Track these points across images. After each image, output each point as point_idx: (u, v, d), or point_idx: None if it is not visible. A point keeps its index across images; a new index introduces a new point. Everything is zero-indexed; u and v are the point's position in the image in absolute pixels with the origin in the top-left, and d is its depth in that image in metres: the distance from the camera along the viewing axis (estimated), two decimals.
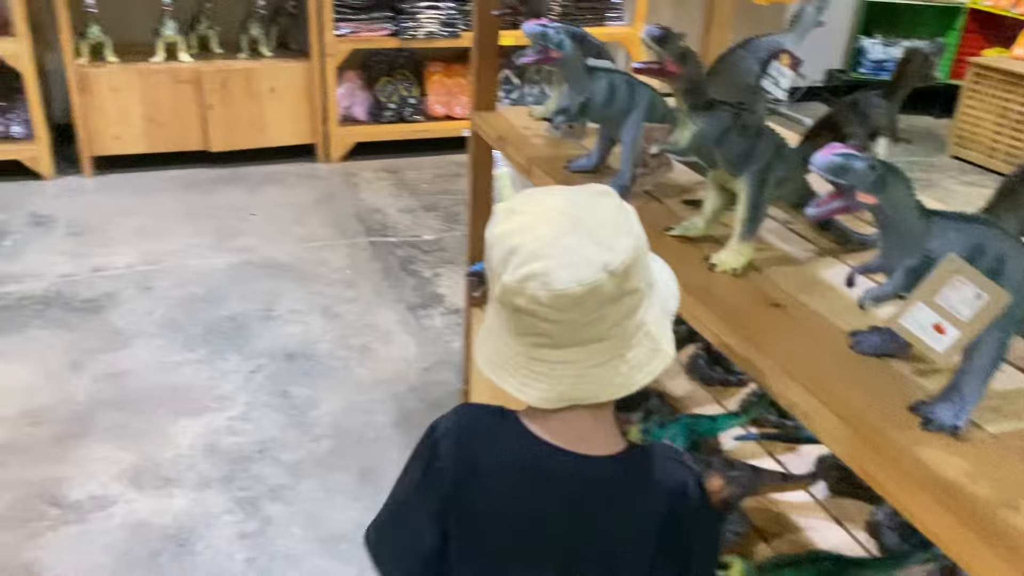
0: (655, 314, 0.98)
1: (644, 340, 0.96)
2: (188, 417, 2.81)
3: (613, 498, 1.00)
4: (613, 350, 0.95)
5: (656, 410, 1.92)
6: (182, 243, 3.98)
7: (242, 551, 2.29)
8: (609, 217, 0.95)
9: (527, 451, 1.00)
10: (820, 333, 1.22)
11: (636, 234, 0.95)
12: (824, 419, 1.06)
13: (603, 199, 0.97)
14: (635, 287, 0.94)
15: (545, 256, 0.91)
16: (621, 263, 0.91)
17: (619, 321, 0.94)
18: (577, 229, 0.92)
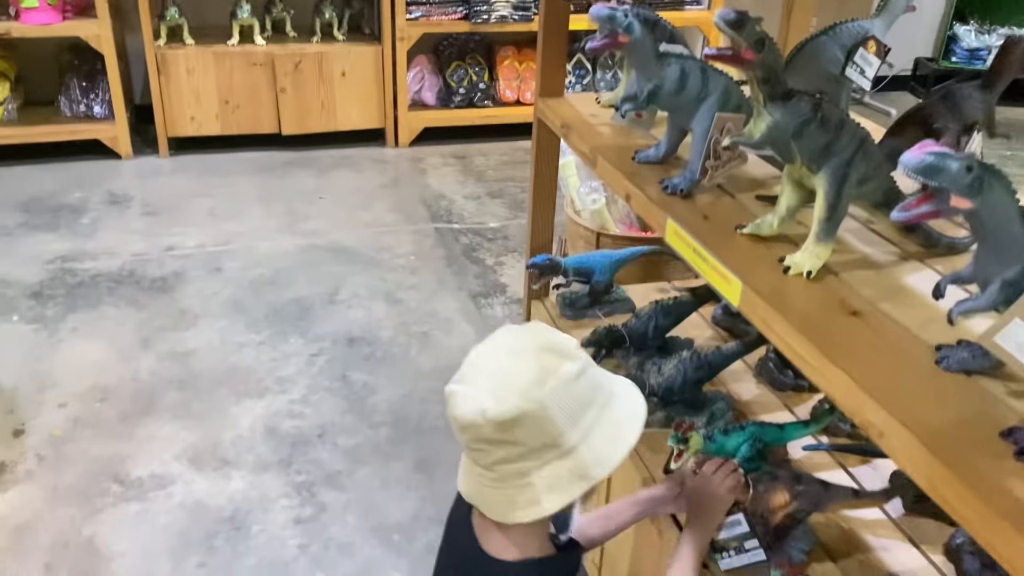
0: (554, 473, 1.07)
1: (524, 489, 1.08)
2: (249, 399, 2.82)
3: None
4: (500, 482, 1.09)
5: (720, 414, 1.84)
6: (252, 225, 4.02)
7: (296, 537, 2.29)
8: (523, 374, 1.06)
9: (462, 522, 1.22)
10: (902, 346, 1.13)
11: (532, 397, 1.04)
12: (902, 441, 0.97)
13: (541, 354, 1.08)
14: (516, 440, 1.05)
15: (464, 381, 1.09)
16: (496, 416, 1.04)
17: (501, 462, 1.08)
18: (492, 373, 1.08)
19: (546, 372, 1.06)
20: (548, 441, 1.06)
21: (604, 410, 1.11)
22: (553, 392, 1.05)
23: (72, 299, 3.36)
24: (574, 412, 1.07)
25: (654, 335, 1.99)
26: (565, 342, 1.11)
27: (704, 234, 1.41)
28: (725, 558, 1.47)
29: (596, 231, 2.54)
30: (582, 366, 1.09)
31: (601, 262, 2.21)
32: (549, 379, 1.05)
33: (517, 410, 1.04)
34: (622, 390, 1.16)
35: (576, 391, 1.07)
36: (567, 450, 1.07)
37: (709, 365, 1.82)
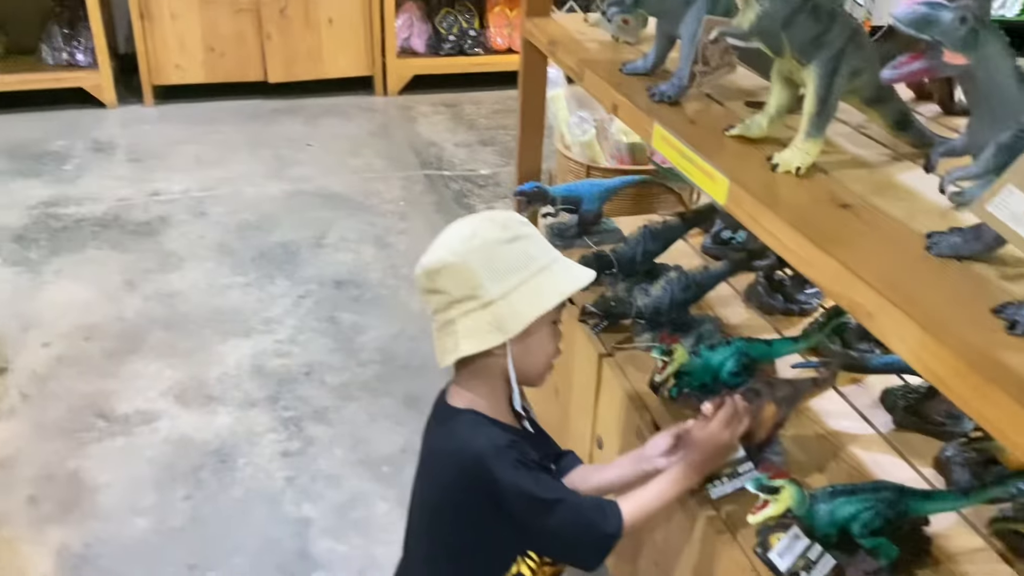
0: (473, 322, 1.18)
1: (451, 336, 1.20)
2: (235, 338, 2.79)
3: (442, 430, 1.30)
4: (438, 331, 1.23)
5: (708, 335, 1.81)
6: (238, 171, 3.97)
7: (283, 469, 2.28)
8: (456, 234, 1.21)
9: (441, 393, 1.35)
10: (893, 235, 1.10)
11: (457, 251, 1.18)
12: (892, 320, 0.94)
13: (480, 220, 1.23)
14: (441, 289, 1.19)
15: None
16: (424, 266, 1.21)
17: (436, 311, 1.22)
18: (441, 236, 1.23)
19: (475, 233, 1.20)
20: (468, 292, 1.17)
21: (533, 278, 1.20)
22: (476, 249, 1.18)
23: (56, 243, 3.32)
24: (497, 271, 1.18)
25: (642, 260, 1.96)
26: (509, 217, 1.24)
27: (691, 137, 1.38)
28: (717, 486, 1.44)
29: (586, 164, 2.50)
30: (514, 235, 1.21)
31: (590, 191, 2.17)
32: (475, 239, 1.19)
33: (441, 261, 1.18)
34: (563, 269, 1.24)
35: (502, 254, 1.19)
36: (486, 302, 1.18)
37: (697, 285, 1.79)
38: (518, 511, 1.21)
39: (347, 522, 2.12)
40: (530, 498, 1.20)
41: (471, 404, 1.26)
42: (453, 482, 1.24)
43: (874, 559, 1.27)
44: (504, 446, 1.21)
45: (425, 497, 1.33)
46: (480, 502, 1.21)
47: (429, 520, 1.33)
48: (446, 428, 1.28)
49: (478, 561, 1.29)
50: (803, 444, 1.56)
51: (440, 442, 1.29)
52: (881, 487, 1.28)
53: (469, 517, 1.24)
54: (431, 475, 1.31)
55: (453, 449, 1.24)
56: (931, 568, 1.31)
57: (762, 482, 1.23)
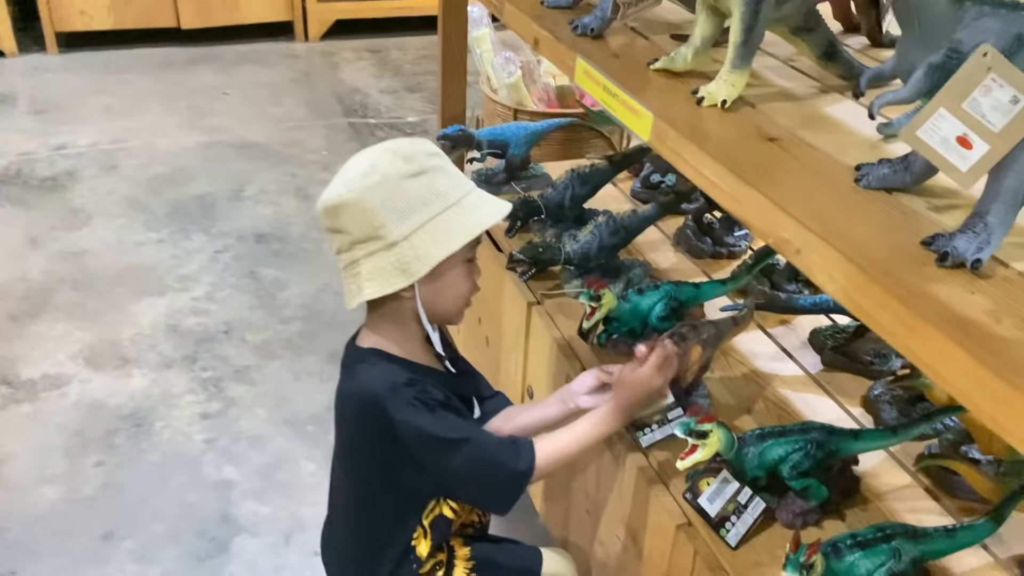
0: (376, 264, 1.12)
1: (356, 278, 1.14)
2: (149, 297, 2.66)
3: (347, 373, 1.24)
4: (344, 271, 1.16)
5: (638, 280, 1.77)
6: (150, 123, 3.77)
7: (203, 432, 2.18)
8: (356, 166, 1.14)
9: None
10: (820, 168, 1.05)
11: (354, 188, 1.10)
12: (819, 255, 0.90)
13: (382, 152, 1.14)
14: (342, 228, 1.12)
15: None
16: (322, 203, 1.13)
17: (339, 251, 1.15)
18: (343, 169, 1.15)
19: (374, 167, 1.11)
20: (371, 232, 1.10)
21: (440, 215, 1.13)
22: (376, 185, 1.10)
23: None
24: (400, 209, 1.11)
25: (571, 204, 1.89)
26: (415, 148, 1.14)
27: (615, 72, 1.31)
28: (647, 433, 1.40)
29: (513, 107, 2.42)
30: (419, 168, 1.12)
31: (516, 134, 2.09)
32: (374, 174, 1.11)
33: (338, 198, 1.10)
34: (474, 205, 1.16)
35: (404, 190, 1.11)
36: (389, 244, 1.11)
37: (625, 229, 1.74)
38: (419, 451, 1.17)
39: (271, 484, 2.04)
40: (429, 437, 1.16)
41: (377, 345, 1.21)
42: (357, 423, 1.22)
43: (804, 500, 1.25)
44: (402, 384, 1.15)
45: (339, 440, 1.30)
46: (384, 442, 1.17)
47: (345, 464, 1.30)
48: (351, 370, 1.23)
49: (394, 502, 1.26)
50: (731, 386, 1.53)
51: (345, 384, 1.25)
52: (809, 428, 1.26)
53: (378, 457, 1.20)
54: (342, 417, 1.27)
55: (354, 390, 1.20)
56: (860, 507, 1.30)
57: (690, 427, 1.20)
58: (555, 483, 1.73)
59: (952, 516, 1.29)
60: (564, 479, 1.68)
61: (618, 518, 1.45)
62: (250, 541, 1.90)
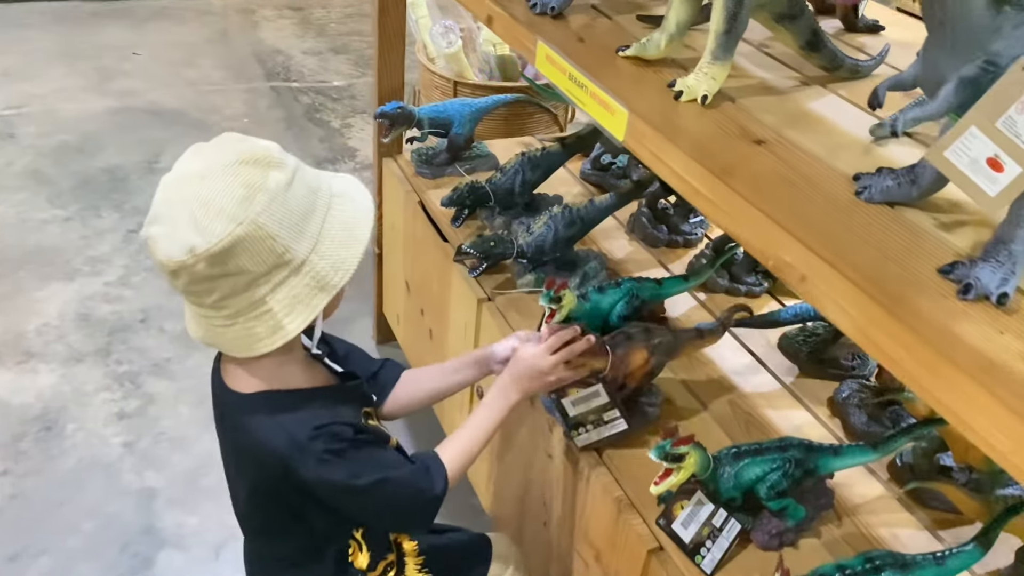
0: (290, 292, 0.98)
1: (263, 318, 0.98)
2: (56, 282, 2.45)
3: (235, 426, 1.08)
4: (233, 318, 0.98)
5: (594, 273, 1.67)
6: (53, 86, 3.48)
7: (120, 433, 2.01)
8: (224, 194, 0.93)
9: (216, 380, 1.12)
10: (815, 176, 0.96)
11: (242, 218, 0.92)
12: (828, 284, 0.81)
13: (239, 169, 0.94)
14: (239, 270, 0.94)
15: (160, 221, 0.95)
16: (207, 249, 0.92)
17: (227, 296, 0.96)
18: (189, 202, 0.93)
19: (251, 187, 0.93)
20: (274, 261, 0.96)
21: (329, 213, 1.01)
22: (266, 207, 0.93)
23: None
24: (295, 223, 0.96)
25: (521, 191, 1.78)
26: (264, 149, 0.97)
27: (581, 58, 1.19)
28: (582, 433, 1.31)
29: (453, 79, 2.27)
30: (292, 171, 0.97)
31: (460, 111, 1.95)
32: (257, 194, 0.93)
33: (230, 237, 0.92)
34: (343, 187, 1.05)
35: (292, 200, 0.96)
36: (297, 265, 0.98)
37: (581, 220, 1.63)
38: (336, 502, 1.09)
39: (198, 491, 1.89)
40: (346, 489, 1.06)
41: (261, 386, 1.05)
42: (259, 477, 1.08)
43: (780, 520, 1.19)
44: (307, 439, 1.02)
45: (238, 486, 1.16)
46: (292, 492, 1.06)
47: (250, 505, 1.16)
48: (239, 423, 1.06)
49: (315, 529, 1.15)
50: (695, 389, 1.46)
51: (237, 438, 1.09)
52: (787, 445, 1.19)
53: (287, 506, 1.10)
54: (238, 472, 1.15)
55: (252, 447, 1.05)
56: (835, 523, 1.25)
57: (665, 450, 1.11)
58: (506, 485, 1.64)
59: (927, 529, 1.24)
60: (517, 483, 1.59)
61: (580, 535, 1.36)
62: (177, 555, 1.76)
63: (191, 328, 1.04)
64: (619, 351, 1.31)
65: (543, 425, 1.42)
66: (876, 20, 1.42)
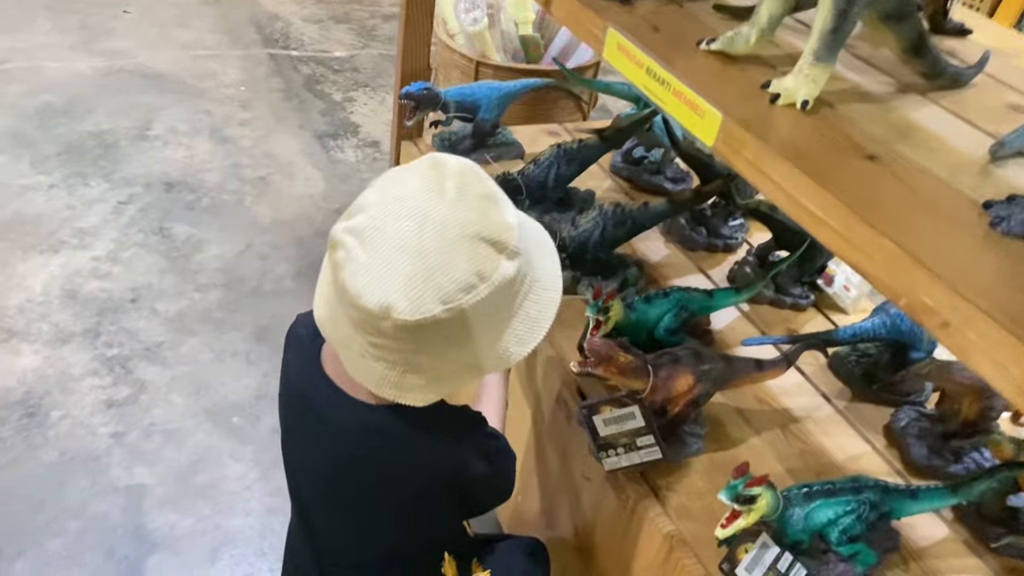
0: (450, 367, 0.91)
1: (411, 375, 0.90)
2: (40, 254, 2.29)
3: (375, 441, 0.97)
4: (382, 361, 0.89)
5: (634, 280, 1.56)
6: (37, 42, 3.28)
7: (108, 423, 1.88)
8: (450, 274, 0.84)
9: (309, 379, 1.00)
10: (940, 201, 0.85)
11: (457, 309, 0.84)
12: (982, 335, 0.70)
13: (478, 247, 0.86)
14: (419, 340, 0.86)
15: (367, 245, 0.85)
16: (403, 319, 0.84)
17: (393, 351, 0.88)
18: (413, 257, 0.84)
19: (479, 275, 0.85)
20: (454, 346, 0.88)
21: (524, 303, 0.92)
22: (482, 301, 0.85)
23: None
24: (493, 315, 0.89)
25: (555, 185, 1.66)
26: (505, 225, 0.87)
27: (658, 50, 1.06)
28: (611, 456, 1.21)
29: (475, 59, 2.13)
30: (519, 264, 0.88)
31: (488, 95, 1.82)
32: (481, 285, 0.85)
33: (432, 319, 0.84)
34: (542, 269, 0.96)
35: (505, 294, 0.88)
36: (473, 351, 0.90)
37: (632, 221, 1.51)
38: (478, 493, 1.08)
39: (192, 489, 1.77)
40: (492, 475, 1.06)
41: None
42: (411, 497, 1.02)
43: (849, 566, 1.09)
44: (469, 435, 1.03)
45: (358, 516, 1.06)
46: (441, 503, 1.05)
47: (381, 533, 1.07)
48: (383, 437, 0.97)
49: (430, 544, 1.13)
50: (742, 410, 1.35)
51: (380, 457, 0.98)
52: (863, 486, 1.09)
53: (430, 519, 1.08)
54: (373, 494, 1.03)
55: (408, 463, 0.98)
56: (901, 567, 1.15)
57: (738, 491, 1.01)
58: (530, 507, 1.54)
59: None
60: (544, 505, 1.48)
61: (620, 569, 1.26)
62: (168, 560, 1.63)
63: (325, 321, 0.93)
64: (662, 373, 1.20)
65: (579, 444, 1.31)
66: (963, 23, 1.31)
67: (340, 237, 0.87)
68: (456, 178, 0.88)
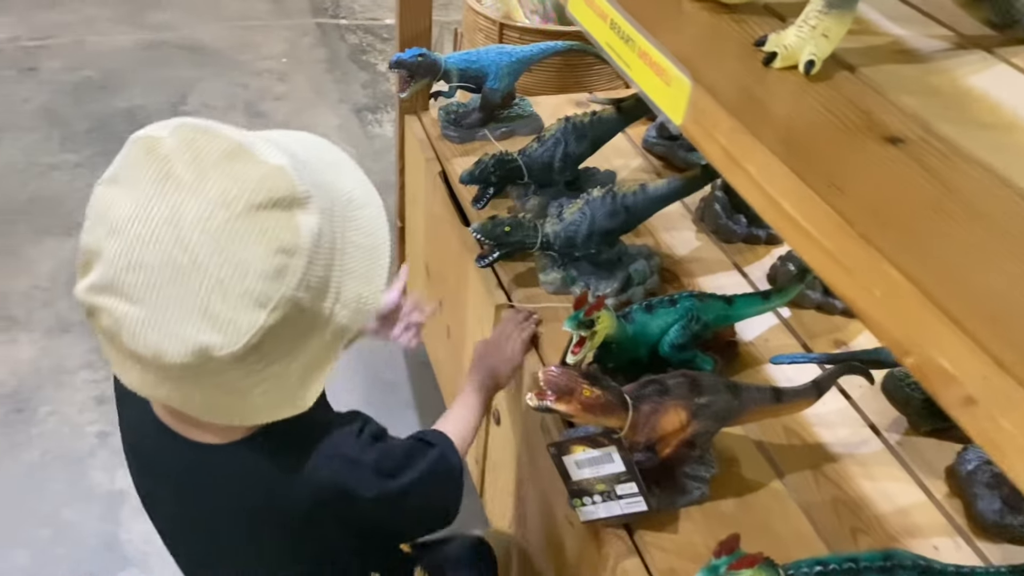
0: (312, 354, 0.74)
1: (272, 392, 0.73)
2: (53, 237, 2.21)
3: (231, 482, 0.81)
4: (220, 396, 0.72)
5: (640, 279, 1.31)
6: (84, 14, 3.22)
7: (96, 422, 1.77)
8: (250, 269, 0.65)
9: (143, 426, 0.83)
10: (994, 209, 0.59)
11: (283, 301, 0.67)
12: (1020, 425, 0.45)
13: (260, 221, 0.66)
14: (261, 357, 0.69)
15: (130, 297, 0.66)
16: (229, 352, 0.66)
17: (234, 381, 0.70)
18: (190, 280, 0.65)
19: (283, 250, 0.66)
20: (301, 332, 0.72)
21: (345, 237, 0.74)
22: (303, 276, 0.68)
23: None
24: (322, 279, 0.71)
25: (562, 166, 1.42)
26: (273, 174, 0.67)
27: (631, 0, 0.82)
28: (587, 504, 0.98)
29: (499, 21, 1.91)
30: (318, 207, 0.69)
31: (497, 62, 1.60)
32: (292, 260, 0.67)
33: (263, 331, 0.67)
34: (348, 190, 0.77)
35: (323, 251, 0.70)
36: (321, 326, 0.73)
37: (627, 210, 1.26)
38: (383, 515, 0.88)
39: None
40: (400, 492, 0.87)
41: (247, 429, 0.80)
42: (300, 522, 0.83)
43: None
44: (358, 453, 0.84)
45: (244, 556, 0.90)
46: (332, 533, 0.86)
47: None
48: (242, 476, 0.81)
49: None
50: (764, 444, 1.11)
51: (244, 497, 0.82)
52: (896, 565, 0.83)
53: (323, 552, 0.88)
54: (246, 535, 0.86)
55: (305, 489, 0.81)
56: None
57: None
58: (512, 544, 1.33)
59: None
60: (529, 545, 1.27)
61: None
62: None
63: (139, 387, 0.73)
64: (645, 408, 0.96)
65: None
66: None
67: (93, 302, 0.68)
68: (180, 154, 0.68)
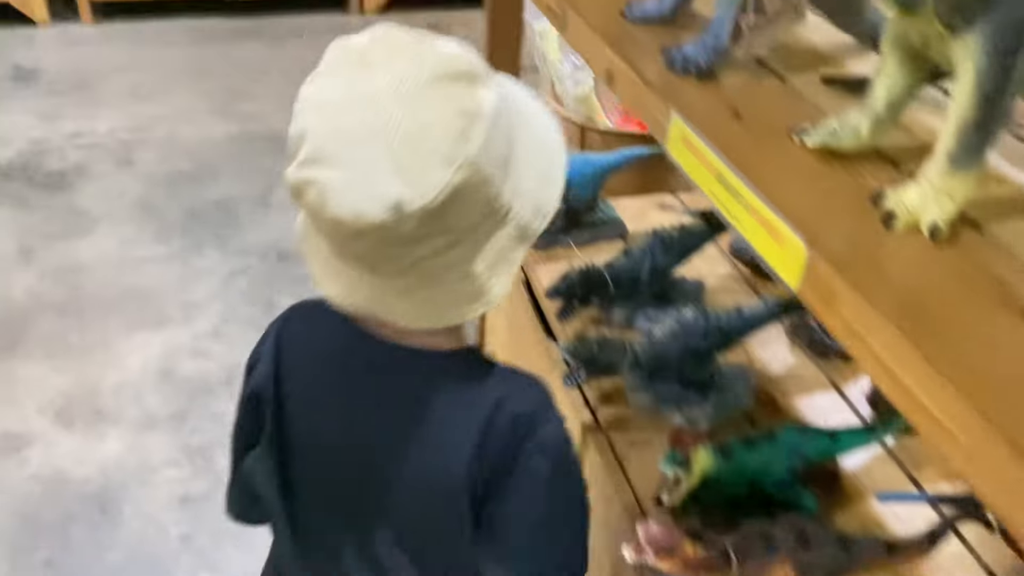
0: (495, 247, 0.76)
1: (465, 282, 0.77)
2: (144, 331, 2.27)
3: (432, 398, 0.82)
4: (424, 283, 0.76)
5: (736, 402, 1.26)
6: (178, 106, 3.37)
7: (180, 522, 1.78)
8: (437, 127, 0.69)
9: (338, 339, 0.85)
10: None
11: (464, 162, 0.69)
12: None
13: (446, 89, 0.70)
14: (450, 227, 0.72)
15: (332, 163, 0.70)
16: (420, 207, 0.69)
17: (425, 258, 0.74)
18: (383, 138, 0.69)
19: (467, 116, 0.70)
20: (485, 210, 0.75)
21: (522, 136, 0.77)
22: (484, 143, 0.71)
23: None
24: (503, 157, 0.74)
25: (650, 279, 1.39)
26: (462, 58, 0.72)
27: (736, 144, 0.80)
28: None
29: (580, 124, 1.91)
30: (497, 89, 0.73)
31: (581, 171, 1.59)
32: (474, 126, 0.70)
33: (451, 188, 0.70)
34: (521, 94, 0.82)
35: (501, 129, 0.73)
36: (504, 213, 0.76)
37: (721, 332, 1.23)
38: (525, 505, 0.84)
39: None
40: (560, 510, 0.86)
41: (460, 341, 0.85)
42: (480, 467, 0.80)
43: None
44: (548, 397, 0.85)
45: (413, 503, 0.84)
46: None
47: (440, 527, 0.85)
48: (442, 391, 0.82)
49: None
50: None
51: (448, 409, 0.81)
52: None
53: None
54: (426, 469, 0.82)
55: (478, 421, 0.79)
56: None
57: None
58: None
59: None
60: None
61: None
62: None
63: (336, 294, 0.78)
64: (750, 566, 0.90)
65: None
66: None
67: (301, 176, 0.72)
68: (374, 44, 0.75)
